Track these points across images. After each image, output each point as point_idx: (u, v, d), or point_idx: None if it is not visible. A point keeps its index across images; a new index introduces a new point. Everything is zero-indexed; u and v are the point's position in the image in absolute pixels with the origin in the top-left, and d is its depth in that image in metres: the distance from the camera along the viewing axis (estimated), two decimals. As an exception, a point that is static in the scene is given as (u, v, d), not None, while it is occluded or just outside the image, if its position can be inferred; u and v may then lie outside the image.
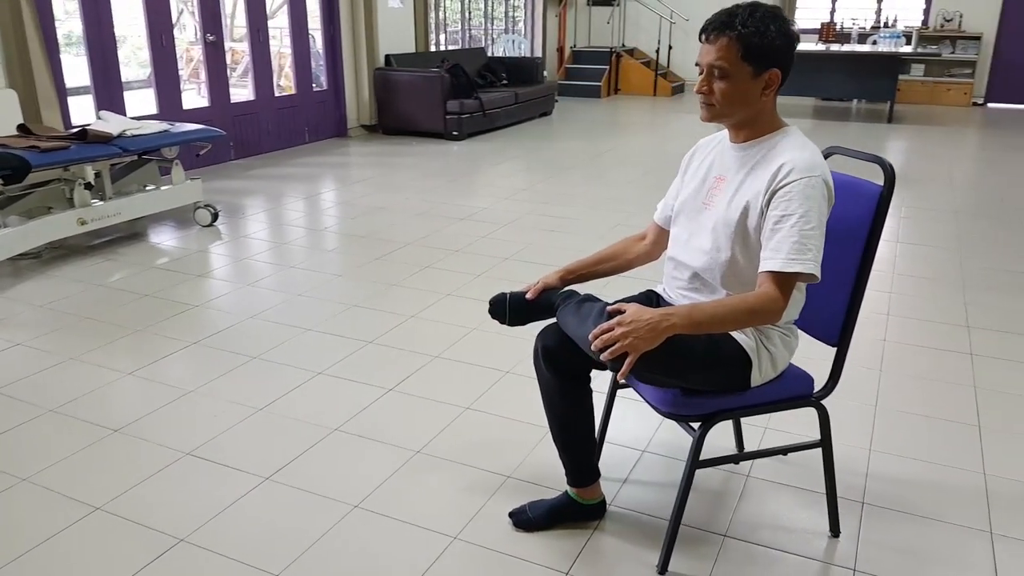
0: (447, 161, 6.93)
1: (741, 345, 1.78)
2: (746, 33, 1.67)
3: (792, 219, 1.65)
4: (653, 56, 12.04)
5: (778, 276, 1.65)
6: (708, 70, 1.73)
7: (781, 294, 1.65)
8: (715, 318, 1.65)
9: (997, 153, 7.61)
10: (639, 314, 1.61)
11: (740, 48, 1.68)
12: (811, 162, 1.69)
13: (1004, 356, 3.10)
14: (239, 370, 2.92)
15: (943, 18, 10.87)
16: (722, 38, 1.69)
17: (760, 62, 1.69)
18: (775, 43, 1.68)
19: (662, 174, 6.45)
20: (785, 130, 1.80)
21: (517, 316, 2.00)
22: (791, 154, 1.72)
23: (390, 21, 8.05)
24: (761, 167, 1.75)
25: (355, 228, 4.79)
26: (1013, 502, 2.19)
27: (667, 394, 1.82)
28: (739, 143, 1.82)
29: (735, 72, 1.69)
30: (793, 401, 1.90)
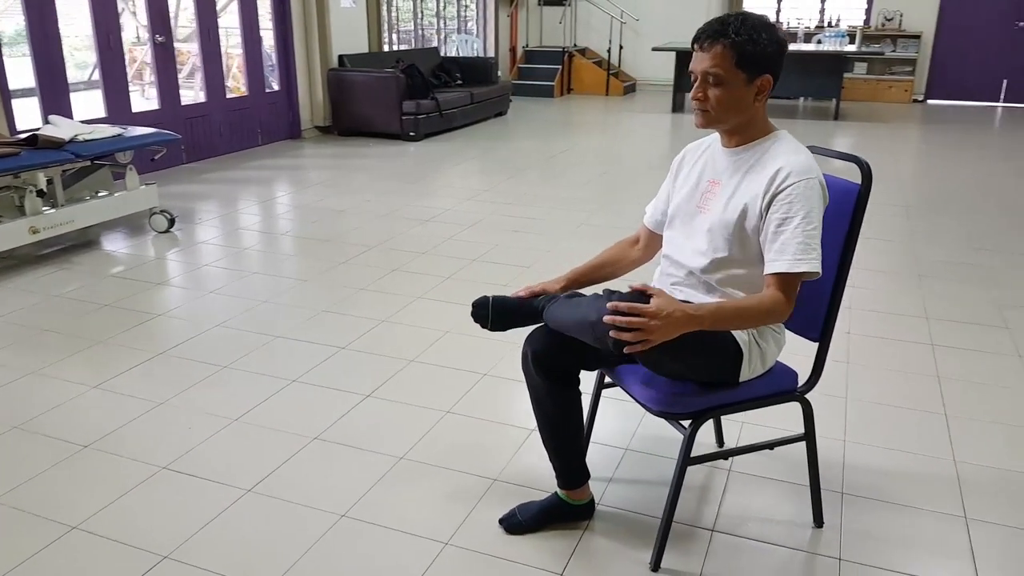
0: (405, 162, 6.88)
1: (736, 339, 1.80)
2: (739, 41, 1.71)
3: (795, 220, 1.70)
4: (605, 56, 12.13)
5: (786, 277, 1.71)
6: (703, 77, 1.76)
7: (789, 295, 1.71)
8: (733, 318, 1.71)
9: (940, 148, 7.86)
10: (669, 307, 1.61)
11: (734, 55, 1.72)
12: (807, 165, 1.74)
13: (963, 346, 3.20)
14: (210, 380, 2.85)
15: (884, 17, 11.17)
16: (716, 46, 1.73)
17: (753, 69, 1.74)
18: (767, 50, 1.73)
19: (620, 173, 6.51)
20: (776, 134, 1.85)
21: (500, 320, 1.98)
22: (786, 158, 1.76)
23: (343, 21, 7.96)
24: (756, 170, 1.79)
25: (317, 232, 4.73)
26: (984, 487, 2.26)
27: (657, 393, 1.84)
28: (732, 148, 1.86)
29: (729, 78, 1.73)
30: (779, 396, 1.94)
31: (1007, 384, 2.88)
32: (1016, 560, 1.96)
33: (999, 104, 10.98)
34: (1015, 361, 3.06)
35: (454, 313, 3.46)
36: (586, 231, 4.77)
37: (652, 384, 1.87)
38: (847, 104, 10.29)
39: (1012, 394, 2.80)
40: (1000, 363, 3.05)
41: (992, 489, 2.26)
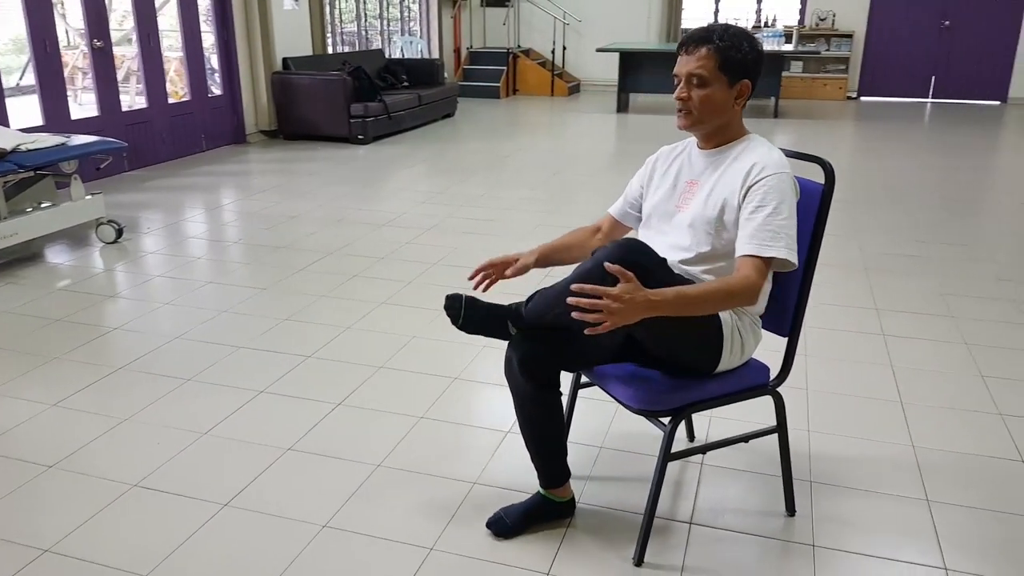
0: (356, 166, 6.83)
1: (720, 327, 1.86)
2: (723, 46, 1.81)
3: (767, 209, 1.77)
4: (549, 57, 12.22)
5: (755, 260, 1.77)
6: (687, 78, 1.85)
7: (758, 276, 1.76)
8: (697, 302, 1.73)
9: (875, 143, 8.13)
10: (632, 292, 1.62)
11: (718, 59, 1.81)
12: (780, 161, 1.84)
13: (913, 335, 3.33)
14: (174, 394, 2.80)
15: (817, 17, 11.50)
16: (701, 49, 1.82)
17: (735, 73, 1.83)
18: (748, 57, 1.83)
19: (573, 174, 6.57)
20: (750, 136, 1.94)
21: (471, 320, 1.99)
22: (760, 154, 1.85)
23: (285, 23, 7.85)
24: (733, 168, 1.88)
25: (271, 239, 4.67)
26: (942, 470, 2.37)
27: (636, 391, 1.88)
28: (709, 149, 1.95)
29: (713, 80, 1.82)
30: (753, 391, 2.00)
31: (956, 370, 3.01)
32: (976, 538, 2.06)
33: (928, 100, 11.41)
34: (962, 348, 3.20)
35: (419, 318, 3.46)
36: (543, 232, 4.80)
37: (631, 383, 1.91)
38: (785, 102, 10.56)
39: (961, 380, 2.93)
40: (948, 350, 3.18)
41: (949, 471, 2.36)
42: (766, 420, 2.34)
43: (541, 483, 2.10)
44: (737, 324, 1.91)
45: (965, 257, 4.38)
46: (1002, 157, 7.62)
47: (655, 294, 1.66)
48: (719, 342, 1.86)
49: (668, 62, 9.47)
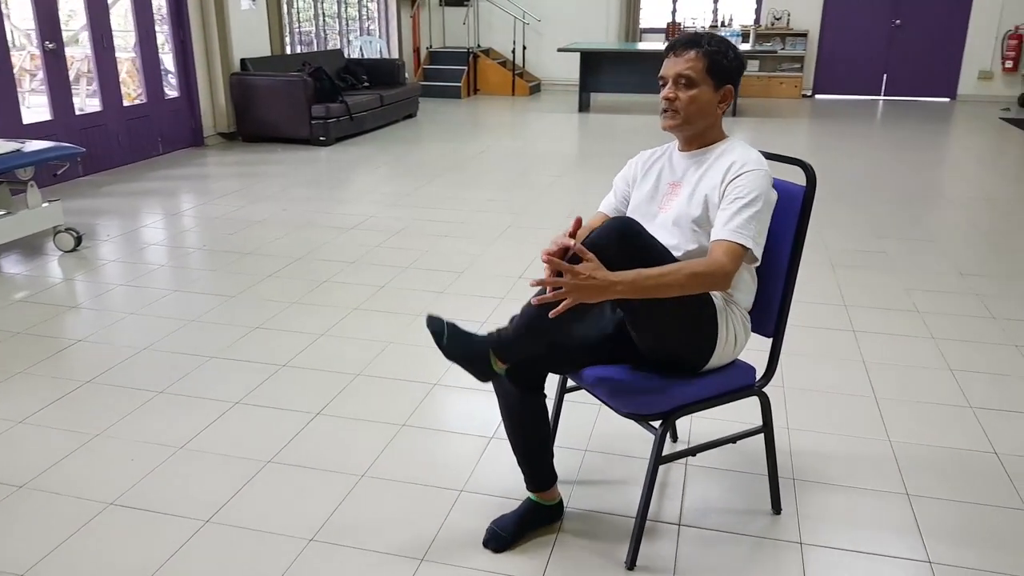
0: (319, 168, 6.75)
1: (715, 314, 1.88)
2: (711, 51, 1.86)
3: (742, 201, 1.81)
4: (509, 56, 12.21)
5: (726, 245, 1.78)
6: (675, 79, 1.88)
7: (728, 261, 1.76)
8: (660, 283, 1.70)
9: (831, 141, 8.27)
10: (594, 272, 1.64)
11: (706, 62, 1.86)
12: (758, 159, 1.88)
13: (882, 330, 3.39)
14: (146, 407, 2.73)
15: (773, 16, 11.68)
16: (690, 52, 1.86)
17: (720, 78, 1.88)
18: (733, 64, 1.89)
19: (540, 174, 6.57)
20: (729, 139, 1.98)
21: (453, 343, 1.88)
22: (739, 154, 1.90)
23: (243, 23, 7.72)
24: (714, 167, 1.91)
25: (237, 244, 4.58)
26: (919, 463, 2.41)
27: (625, 396, 1.88)
28: (690, 151, 1.98)
29: (700, 83, 1.87)
30: (740, 391, 2.01)
31: (926, 365, 3.07)
32: (956, 530, 2.10)
33: (880, 97, 11.66)
34: (930, 343, 3.27)
35: (394, 323, 3.43)
36: (514, 233, 4.80)
37: (620, 387, 1.91)
38: (743, 100, 10.69)
39: (931, 374, 2.99)
40: (917, 345, 3.24)
41: (926, 465, 2.41)
42: (745, 419, 2.38)
43: (529, 487, 2.09)
44: (733, 324, 1.93)
45: (926, 252, 4.47)
46: (954, 153, 7.81)
47: (615, 275, 1.67)
48: (714, 333, 1.88)
49: (629, 62, 9.63)
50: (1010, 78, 11.09)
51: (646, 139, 8.23)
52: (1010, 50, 10.91)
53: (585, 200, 5.64)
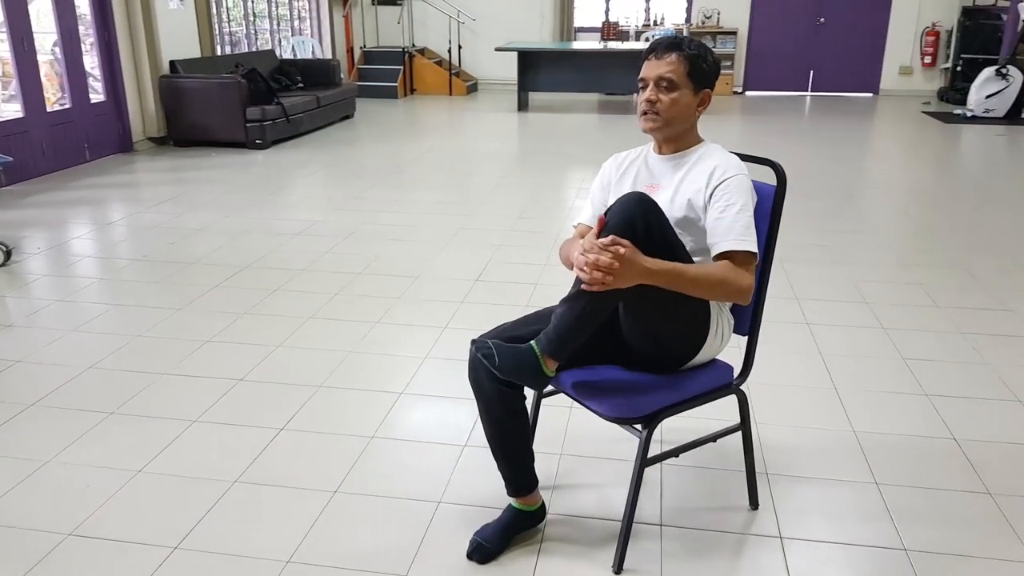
0: (257, 172, 6.57)
1: (709, 307, 1.89)
2: (692, 55, 1.88)
3: (735, 208, 1.83)
4: (445, 56, 12.13)
5: (734, 255, 1.81)
6: (656, 82, 1.89)
7: (747, 271, 1.81)
8: (692, 281, 1.76)
9: (764, 137, 8.48)
10: (633, 258, 1.67)
11: (687, 66, 1.88)
12: (738, 164, 1.91)
13: (834, 322, 3.47)
14: (97, 430, 2.60)
15: (703, 15, 11.89)
16: (671, 55, 1.88)
17: (700, 82, 1.90)
18: (711, 68, 1.92)
19: (484, 175, 6.54)
20: (707, 143, 2.00)
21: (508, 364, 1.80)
22: (720, 158, 1.92)
23: (171, 24, 7.47)
24: (695, 170, 1.92)
25: (178, 254, 4.42)
26: (884, 452, 2.47)
27: (608, 399, 1.87)
28: (668, 154, 1.99)
29: (681, 86, 1.88)
30: (720, 391, 2.02)
31: (880, 355, 3.15)
32: (927, 516, 2.15)
33: (808, 93, 11.99)
34: (880, 333, 3.36)
35: (353, 331, 3.35)
36: (467, 235, 4.75)
37: (603, 391, 1.90)
38: (677, 97, 10.84)
39: (886, 364, 3.07)
40: (869, 336, 3.33)
41: (890, 453, 2.46)
42: (716, 416, 2.39)
43: (510, 492, 2.06)
44: (722, 322, 1.95)
45: (867, 244, 4.61)
46: (882, 146, 8.07)
47: (653, 263, 1.70)
48: (705, 329, 1.90)
49: (566, 61, 9.68)
50: (929, 73, 11.54)
51: (589, 137, 8.28)
52: (928, 46, 11.36)
53: (535, 200, 5.63)
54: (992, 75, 9.17)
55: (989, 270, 4.12)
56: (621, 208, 1.77)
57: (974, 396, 2.81)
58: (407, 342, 3.26)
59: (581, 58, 9.87)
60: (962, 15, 10.76)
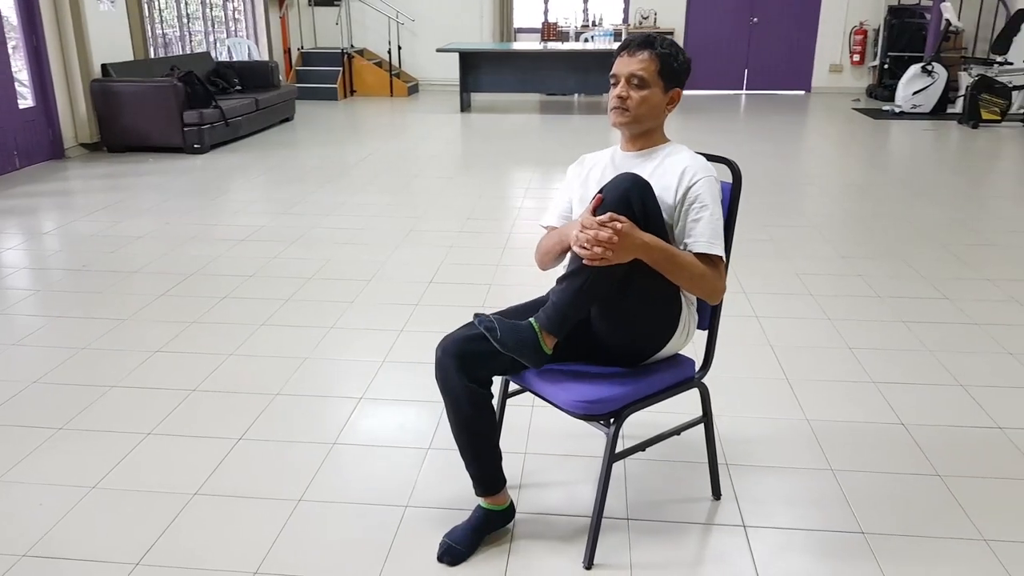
0: (197, 177, 6.42)
1: (683, 303, 1.95)
2: (664, 53, 1.90)
3: (708, 210, 1.88)
4: (384, 57, 12.04)
5: (708, 258, 1.86)
6: (628, 79, 1.91)
7: (721, 273, 1.89)
8: (680, 267, 1.83)
9: (703, 134, 8.64)
10: (631, 233, 1.74)
11: (658, 64, 1.90)
12: (706, 165, 1.94)
13: (782, 315, 3.57)
14: (47, 446, 2.51)
15: (640, 16, 12.06)
16: (643, 52, 1.90)
17: (670, 80, 1.93)
18: (682, 67, 1.94)
19: (431, 176, 6.51)
20: (673, 143, 2.03)
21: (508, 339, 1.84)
22: (688, 160, 1.95)
23: (102, 26, 7.24)
24: (664, 168, 1.95)
25: (120, 263, 4.29)
26: (836, 439, 2.55)
27: (576, 397, 1.89)
28: (635, 151, 2.01)
29: (652, 83, 1.90)
30: (683, 384, 2.06)
31: (827, 345, 3.25)
32: (882, 499, 2.23)
33: (743, 92, 12.27)
34: (827, 324, 3.46)
35: (307, 337, 3.31)
36: (417, 237, 4.73)
37: (569, 388, 1.91)
38: (617, 96, 10.98)
39: (833, 353, 3.17)
40: (816, 327, 3.43)
41: (843, 440, 2.54)
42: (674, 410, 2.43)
43: (478, 492, 2.06)
44: (689, 311, 2.00)
45: (808, 237, 4.74)
46: (816, 142, 8.31)
47: (651, 239, 1.77)
48: (675, 323, 1.94)
49: (507, 62, 9.71)
50: (858, 70, 11.93)
51: (532, 137, 8.31)
52: (856, 45, 11.74)
53: (484, 200, 5.64)
54: (918, 72, 9.52)
55: (925, 260, 4.29)
56: (616, 187, 1.81)
57: (918, 382, 2.92)
58: (364, 346, 3.24)
59: (522, 59, 9.91)
60: (888, 14, 11.15)
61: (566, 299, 1.83)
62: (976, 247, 4.52)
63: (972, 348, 3.20)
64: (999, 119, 8.83)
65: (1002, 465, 2.39)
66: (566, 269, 1.89)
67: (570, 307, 1.83)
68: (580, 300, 1.83)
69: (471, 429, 1.98)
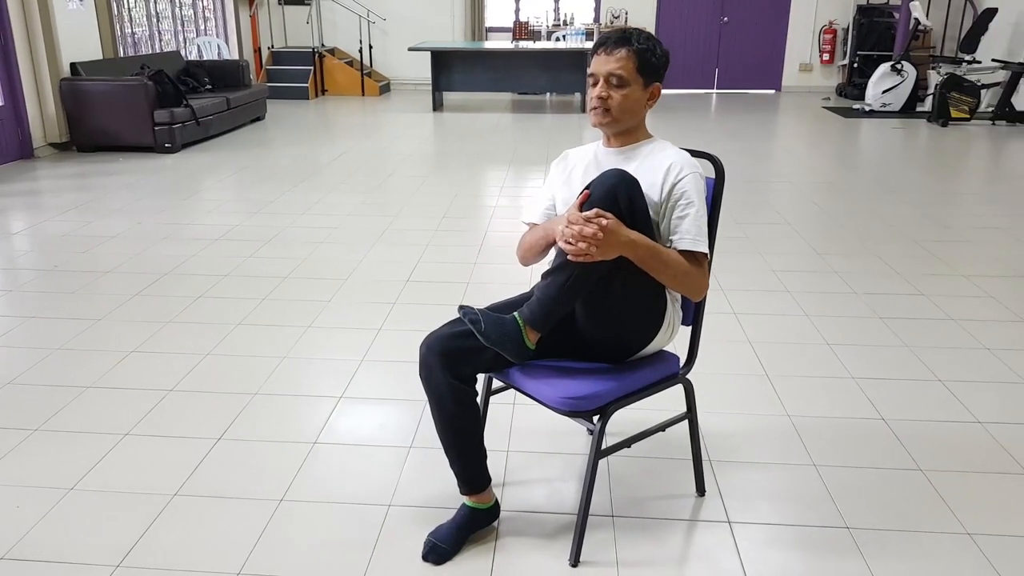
0: (168, 177, 6.33)
1: (668, 301, 1.95)
2: (641, 49, 1.89)
3: (694, 208, 1.88)
4: (356, 56, 11.97)
5: (693, 255, 1.87)
6: (606, 78, 1.90)
7: (705, 271, 1.89)
8: (663, 264, 1.83)
9: (673, 133, 8.68)
10: (617, 229, 1.74)
11: (636, 61, 1.89)
12: (691, 161, 1.93)
13: (759, 311, 3.59)
14: (23, 448, 2.46)
15: (611, 15, 12.11)
16: (621, 50, 1.88)
17: (649, 76, 1.92)
18: (661, 61, 1.93)
19: (406, 175, 6.48)
20: (656, 138, 2.03)
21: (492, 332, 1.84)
22: (673, 155, 1.94)
23: (71, 25, 7.11)
24: (648, 164, 1.94)
25: (92, 263, 4.22)
26: (817, 434, 2.57)
27: (562, 394, 1.88)
28: (617, 147, 2.01)
29: (631, 81, 1.89)
30: (668, 380, 2.06)
31: (805, 341, 3.28)
32: (864, 495, 2.25)
33: (714, 91, 12.36)
34: (804, 320, 3.49)
35: (284, 337, 3.27)
36: (393, 236, 4.70)
37: (554, 385, 1.90)
38: (591, 96, 11.01)
39: (812, 349, 3.20)
40: (793, 323, 3.46)
41: (824, 435, 2.57)
42: (654, 406, 2.44)
43: (463, 491, 2.05)
44: (674, 308, 2.00)
45: (782, 234, 4.79)
46: (788, 140, 8.39)
47: (636, 235, 1.77)
48: (660, 320, 1.95)
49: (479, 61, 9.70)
50: (827, 69, 12.07)
51: (505, 136, 8.30)
52: (826, 44, 11.88)
53: (459, 199, 5.62)
54: (888, 71, 9.66)
55: (898, 256, 4.35)
56: (603, 183, 1.80)
57: (897, 377, 2.95)
58: (342, 345, 3.21)
59: (494, 58, 9.91)
60: (857, 13, 11.29)
61: (550, 295, 1.83)
62: (949, 243, 4.59)
63: (949, 343, 3.25)
64: (968, 117, 8.99)
65: (982, 459, 2.43)
66: (551, 264, 1.89)
67: (554, 303, 1.83)
68: (564, 296, 1.83)
69: (455, 427, 1.97)
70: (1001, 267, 4.18)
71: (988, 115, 9.15)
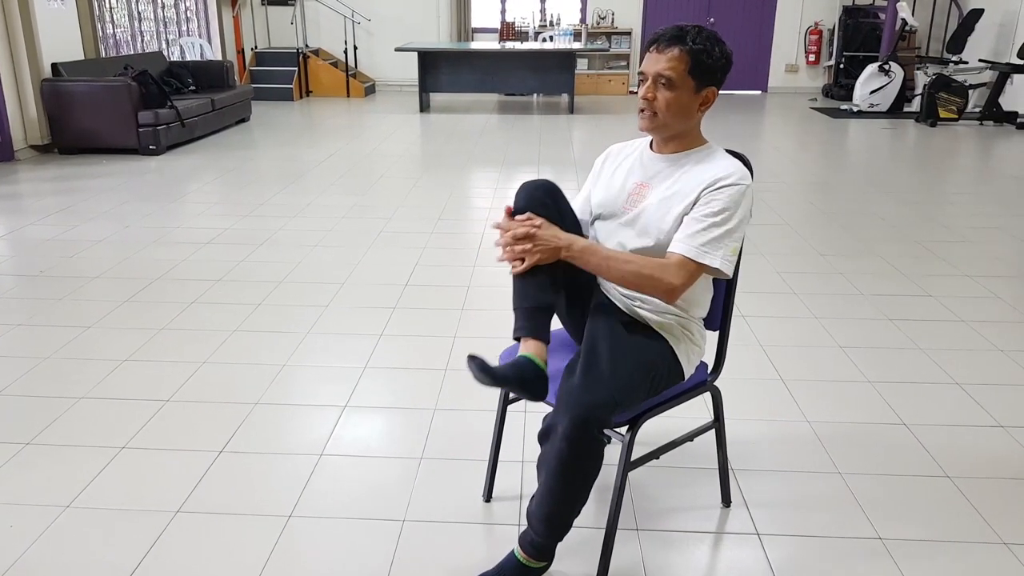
0: (153, 179, 6.19)
1: (670, 346, 1.83)
2: (696, 49, 1.74)
3: (714, 218, 1.72)
4: (340, 57, 11.83)
5: (682, 260, 1.72)
6: (655, 79, 1.77)
7: (684, 278, 1.72)
8: (609, 263, 1.76)
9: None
10: (551, 232, 1.75)
11: (689, 62, 1.74)
12: (745, 173, 1.78)
13: (768, 314, 3.53)
14: (14, 463, 2.34)
15: (598, 16, 12.06)
16: (672, 50, 1.75)
17: (703, 79, 1.77)
18: (718, 63, 1.77)
19: (397, 177, 6.38)
20: (711, 145, 1.88)
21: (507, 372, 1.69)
22: (726, 164, 1.80)
23: (52, 25, 6.94)
24: (690, 174, 1.81)
25: (79, 269, 4.08)
26: (841, 441, 2.50)
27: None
28: (667, 154, 1.87)
29: (681, 84, 1.76)
30: (696, 389, 1.99)
31: (818, 344, 3.22)
32: (895, 502, 2.19)
33: (702, 92, 12.33)
34: (813, 322, 3.43)
35: (283, 344, 3.17)
36: (388, 238, 4.60)
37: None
38: (576, 98, 10.96)
39: (826, 353, 3.14)
40: (804, 326, 3.40)
41: (847, 442, 2.50)
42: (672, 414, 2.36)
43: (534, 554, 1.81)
44: (687, 334, 1.89)
45: (784, 235, 4.73)
46: (778, 141, 8.37)
47: (570, 240, 1.75)
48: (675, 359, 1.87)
49: (466, 62, 9.62)
50: (813, 70, 12.09)
51: (493, 137, 8.21)
52: (812, 44, 11.90)
53: (453, 200, 5.53)
54: (875, 71, 9.67)
55: (899, 256, 4.30)
56: (526, 192, 1.82)
57: (914, 381, 2.90)
58: (343, 352, 3.11)
59: (481, 59, 9.81)
60: (843, 14, 11.31)
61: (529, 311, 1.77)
62: (949, 243, 4.56)
63: (963, 345, 3.20)
64: (956, 118, 9.01)
65: (1010, 465, 2.37)
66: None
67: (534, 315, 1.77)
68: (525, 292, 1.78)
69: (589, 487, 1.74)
70: (1003, 267, 4.15)
71: (976, 115, 9.18)
